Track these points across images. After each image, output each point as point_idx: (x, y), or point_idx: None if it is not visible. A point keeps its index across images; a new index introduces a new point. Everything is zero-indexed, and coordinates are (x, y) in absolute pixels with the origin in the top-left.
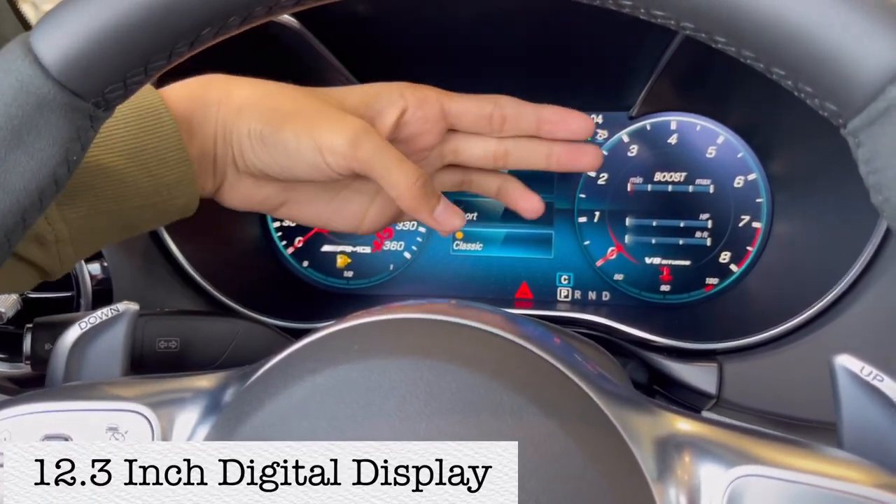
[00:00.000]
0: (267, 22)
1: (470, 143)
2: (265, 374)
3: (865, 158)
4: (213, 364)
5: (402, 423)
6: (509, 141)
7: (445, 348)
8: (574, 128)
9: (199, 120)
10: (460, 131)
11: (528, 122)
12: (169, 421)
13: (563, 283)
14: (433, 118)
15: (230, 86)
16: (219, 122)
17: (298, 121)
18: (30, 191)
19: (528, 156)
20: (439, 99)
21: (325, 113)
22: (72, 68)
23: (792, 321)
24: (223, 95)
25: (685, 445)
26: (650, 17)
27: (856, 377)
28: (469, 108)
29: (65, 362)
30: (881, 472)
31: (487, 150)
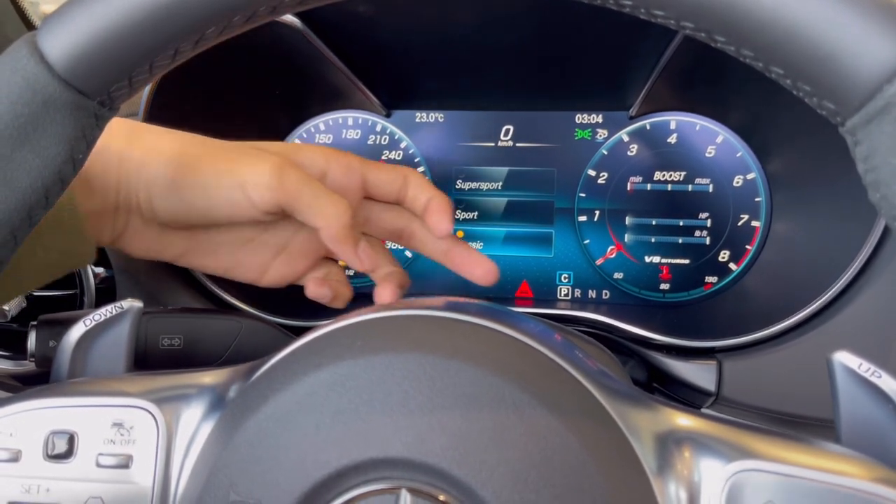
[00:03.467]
0: (269, 21)
1: (383, 216)
2: (269, 370)
3: (863, 156)
4: (216, 362)
5: (404, 418)
6: (416, 223)
7: (448, 344)
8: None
9: (99, 172)
10: (375, 200)
11: (419, 204)
12: (173, 417)
13: (563, 282)
14: (354, 188)
15: (133, 135)
16: (122, 174)
17: (217, 160)
18: (36, 188)
19: (427, 243)
20: (361, 168)
21: (244, 150)
22: (77, 67)
23: (790, 319)
24: (125, 146)
25: (685, 440)
26: (650, 16)
27: (854, 374)
28: (385, 179)
29: (69, 360)
30: (879, 466)
31: (396, 226)
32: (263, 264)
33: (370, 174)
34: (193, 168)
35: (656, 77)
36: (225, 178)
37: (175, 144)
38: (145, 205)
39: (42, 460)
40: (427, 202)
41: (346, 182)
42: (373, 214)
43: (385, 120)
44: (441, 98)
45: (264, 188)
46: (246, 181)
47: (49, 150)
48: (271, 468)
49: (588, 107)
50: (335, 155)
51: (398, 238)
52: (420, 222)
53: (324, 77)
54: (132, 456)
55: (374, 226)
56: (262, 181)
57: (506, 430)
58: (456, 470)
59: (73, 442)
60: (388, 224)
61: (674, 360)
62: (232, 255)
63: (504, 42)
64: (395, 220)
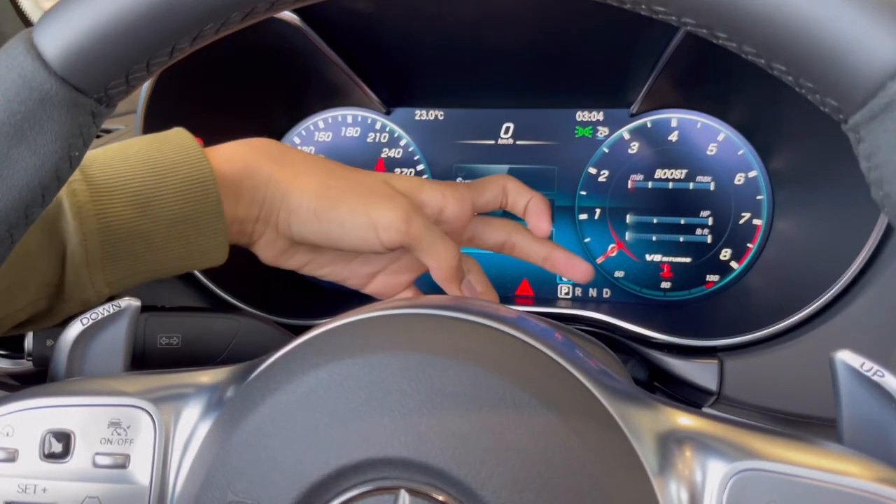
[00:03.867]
0: (268, 19)
1: (487, 232)
2: (267, 369)
3: (866, 154)
4: (214, 360)
5: (403, 418)
6: (518, 235)
7: (447, 343)
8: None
9: (248, 187)
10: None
11: (520, 208)
12: (171, 416)
13: (563, 281)
14: (465, 215)
15: (284, 159)
16: (268, 193)
17: (353, 198)
18: (32, 186)
19: (529, 252)
20: (471, 195)
21: (378, 191)
22: (74, 64)
23: (792, 318)
24: (274, 169)
25: (686, 440)
26: (651, 13)
27: (856, 373)
28: (489, 197)
29: (66, 359)
30: (882, 466)
31: (498, 239)
32: (373, 275)
33: (478, 199)
34: (333, 204)
35: (657, 74)
36: (360, 217)
37: (319, 178)
38: (283, 224)
39: (38, 460)
40: (526, 205)
41: (460, 211)
42: (477, 232)
43: (385, 118)
44: (441, 95)
45: (393, 231)
46: (378, 223)
47: (46, 148)
48: (269, 468)
49: (589, 104)
50: (450, 189)
51: (500, 249)
52: (519, 234)
53: (323, 74)
54: (129, 456)
55: (479, 241)
56: (392, 225)
57: (505, 429)
58: (455, 470)
59: (69, 441)
60: (491, 239)
61: (675, 359)
62: (347, 267)
63: (504, 39)
64: (497, 235)
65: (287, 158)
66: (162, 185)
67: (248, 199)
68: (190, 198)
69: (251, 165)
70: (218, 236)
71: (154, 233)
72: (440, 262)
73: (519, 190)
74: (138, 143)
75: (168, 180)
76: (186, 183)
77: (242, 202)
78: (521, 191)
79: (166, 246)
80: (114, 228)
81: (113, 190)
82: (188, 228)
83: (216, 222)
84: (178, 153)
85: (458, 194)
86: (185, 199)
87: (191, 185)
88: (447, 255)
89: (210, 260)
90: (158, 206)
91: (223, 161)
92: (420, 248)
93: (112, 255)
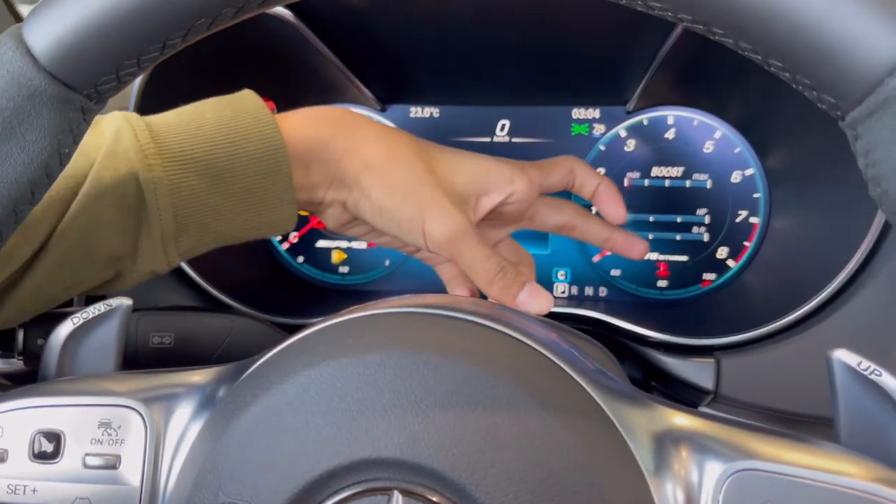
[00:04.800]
0: (261, 15)
1: (548, 214)
2: (259, 368)
3: (864, 151)
4: (207, 360)
5: (396, 417)
6: (579, 218)
7: (441, 342)
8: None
9: (319, 162)
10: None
11: (588, 191)
12: (162, 416)
13: (559, 279)
14: (532, 198)
15: (357, 135)
16: (340, 170)
17: (413, 202)
18: (21, 184)
19: (589, 234)
20: (539, 178)
21: (435, 198)
22: (63, 60)
23: (790, 317)
24: (349, 145)
25: (682, 440)
26: (648, 8)
27: (853, 371)
28: (557, 180)
29: (57, 358)
30: (879, 466)
31: (559, 221)
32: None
33: (545, 181)
34: (396, 204)
35: (654, 71)
36: (416, 223)
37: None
38: (351, 204)
39: (28, 461)
40: (595, 189)
41: (527, 194)
42: (539, 212)
43: (379, 114)
44: (436, 92)
45: (438, 245)
46: (427, 233)
47: (35, 145)
48: (261, 469)
49: (585, 101)
50: (518, 172)
51: (560, 231)
52: (580, 216)
53: (317, 71)
54: (120, 456)
55: (540, 221)
56: (438, 241)
57: (500, 429)
58: (449, 471)
59: (59, 442)
60: (553, 220)
61: (671, 358)
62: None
63: (500, 36)
64: (559, 217)
65: (360, 136)
66: (235, 157)
67: (320, 171)
68: (262, 169)
69: (324, 137)
70: (287, 207)
71: (225, 205)
72: (478, 279)
73: (587, 173)
74: (211, 107)
75: (240, 152)
76: (259, 154)
77: (313, 172)
78: (589, 174)
79: (236, 217)
80: (187, 202)
81: (186, 163)
82: (258, 200)
83: (285, 194)
84: (251, 122)
85: (527, 177)
86: (257, 172)
87: (263, 156)
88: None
89: (278, 229)
90: (230, 179)
91: (296, 130)
92: (462, 265)
93: (184, 228)
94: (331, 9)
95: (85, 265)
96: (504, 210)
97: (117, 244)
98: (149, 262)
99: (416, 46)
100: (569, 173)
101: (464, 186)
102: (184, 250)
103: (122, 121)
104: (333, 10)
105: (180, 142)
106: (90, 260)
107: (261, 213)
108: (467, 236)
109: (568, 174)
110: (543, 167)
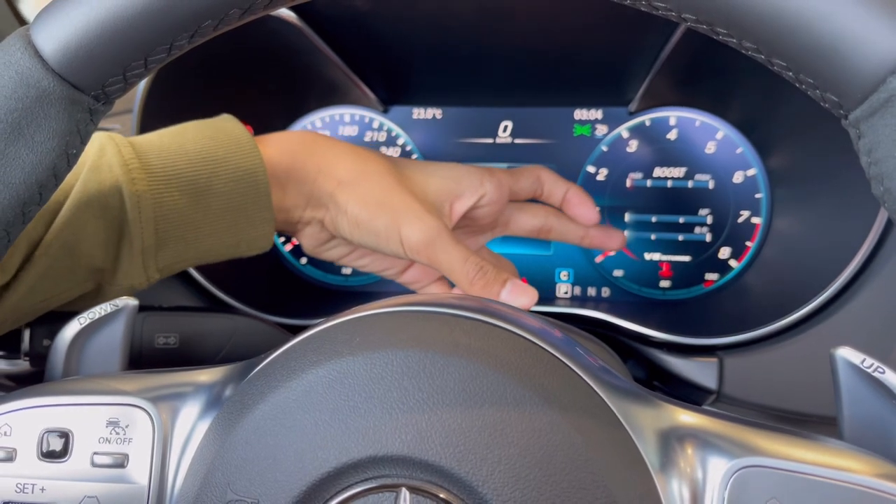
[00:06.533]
0: (265, 17)
1: (522, 218)
2: (267, 367)
3: (867, 149)
4: (212, 361)
5: (404, 415)
6: (553, 218)
7: (447, 340)
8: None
9: (296, 181)
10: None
11: (556, 198)
12: (170, 415)
13: (562, 280)
14: (502, 201)
15: (329, 155)
16: (315, 189)
17: (388, 212)
18: (29, 184)
19: (566, 234)
20: (508, 182)
21: (409, 207)
22: (71, 61)
23: (792, 316)
24: (322, 165)
25: (687, 437)
26: (651, 8)
27: (857, 369)
28: (525, 185)
29: (63, 358)
30: (883, 462)
31: (534, 224)
32: (407, 266)
33: (514, 185)
34: (371, 216)
35: (656, 72)
36: (392, 233)
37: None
38: (329, 222)
39: (37, 459)
40: (564, 196)
41: (498, 197)
42: (513, 217)
43: (382, 116)
44: (439, 94)
45: (415, 251)
46: (404, 241)
47: (43, 146)
48: (269, 466)
49: (587, 102)
50: (488, 176)
51: (537, 234)
52: (555, 217)
53: (320, 73)
54: (128, 455)
55: (515, 226)
56: (415, 247)
57: (507, 427)
58: (456, 468)
59: (67, 441)
60: (528, 224)
61: (674, 358)
62: (384, 260)
63: (503, 37)
64: (534, 220)
65: (333, 155)
66: (215, 176)
67: (296, 192)
68: (241, 188)
69: (299, 159)
70: (265, 226)
71: (204, 221)
72: (458, 280)
73: (555, 181)
74: (193, 130)
75: (221, 171)
76: (239, 173)
77: (290, 194)
78: (556, 181)
79: (215, 234)
80: (168, 217)
81: (170, 179)
82: (237, 217)
83: (264, 212)
84: (231, 143)
85: (496, 179)
86: (236, 190)
87: (243, 175)
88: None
89: (256, 248)
90: (210, 196)
91: (273, 152)
92: (441, 268)
93: (165, 243)
94: (334, 11)
95: (67, 277)
96: (477, 214)
97: (99, 257)
98: (128, 276)
99: (418, 48)
100: (536, 181)
101: (436, 193)
102: (163, 265)
103: (106, 139)
104: (337, 13)
105: (163, 158)
106: (72, 272)
107: (240, 231)
108: (443, 239)
109: (536, 181)
110: (512, 172)
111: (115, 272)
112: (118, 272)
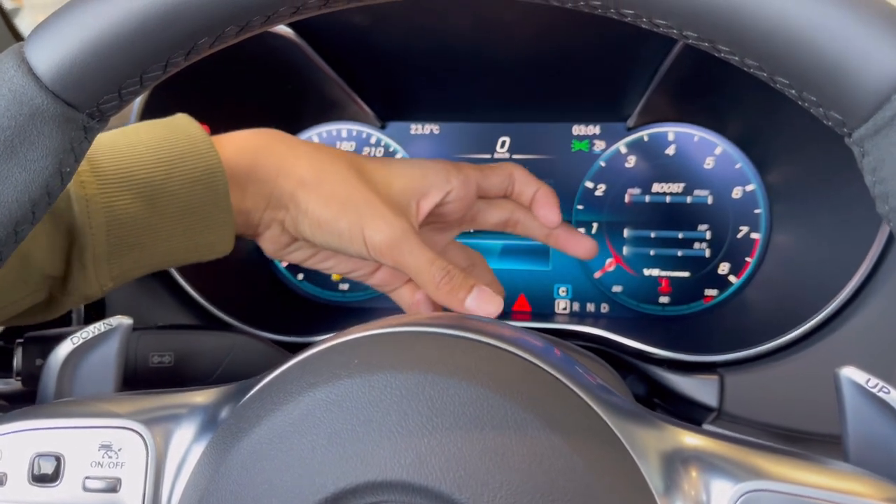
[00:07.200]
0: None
1: (489, 211)
2: (263, 389)
3: (871, 168)
4: (208, 379)
5: (403, 439)
6: (520, 213)
7: (447, 362)
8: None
9: (255, 180)
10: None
11: (526, 197)
12: (163, 438)
13: (561, 296)
14: (469, 198)
15: (289, 154)
16: (275, 189)
17: (351, 212)
18: (22, 203)
19: (531, 229)
20: (476, 177)
21: (373, 206)
22: (66, 79)
23: (793, 333)
24: (282, 164)
25: (692, 460)
26: (653, 26)
27: (862, 389)
28: (495, 181)
29: (56, 378)
30: (890, 485)
31: (501, 217)
32: (377, 267)
33: (483, 181)
34: (334, 216)
35: (654, 88)
36: (355, 233)
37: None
38: (290, 223)
39: (27, 483)
40: (533, 195)
41: (465, 193)
42: (480, 211)
43: (380, 132)
44: (436, 109)
45: (379, 252)
46: (368, 242)
47: (36, 164)
48: (265, 492)
49: (585, 118)
50: (455, 170)
51: (503, 228)
52: (523, 211)
53: (318, 88)
54: (120, 479)
55: (482, 220)
56: (379, 248)
57: (508, 450)
58: (457, 493)
59: (59, 464)
60: (494, 217)
61: (674, 375)
62: (350, 261)
63: (500, 53)
64: (500, 213)
65: (293, 155)
66: (170, 177)
67: (255, 193)
68: (198, 190)
69: (259, 158)
70: (224, 229)
71: (160, 225)
72: (426, 287)
73: (526, 179)
74: (145, 129)
75: (176, 172)
76: (195, 174)
77: (249, 195)
78: (528, 180)
79: (172, 238)
80: (121, 222)
81: (121, 182)
82: (195, 221)
83: (223, 215)
84: (187, 142)
85: (463, 175)
86: (193, 192)
87: (199, 177)
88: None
89: (215, 252)
90: (166, 199)
91: (232, 152)
92: (407, 271)
93: (118, 249)
94: (332, 27)
95: (19, 286)
96: (444, 210)
97: (49, 264)
98: (80, 285)
99: (416, 64)
100: (508, 178)
101: (401, 192)
102: (117, 273)
103: None
104: (335, 28)
105: (114, 160)
106: (24, 280)
107: (198, 235)
108: (409, 241)
109: (507, 178)
110: (482, 168)
111: (66, 281)
112: (69, 281)
